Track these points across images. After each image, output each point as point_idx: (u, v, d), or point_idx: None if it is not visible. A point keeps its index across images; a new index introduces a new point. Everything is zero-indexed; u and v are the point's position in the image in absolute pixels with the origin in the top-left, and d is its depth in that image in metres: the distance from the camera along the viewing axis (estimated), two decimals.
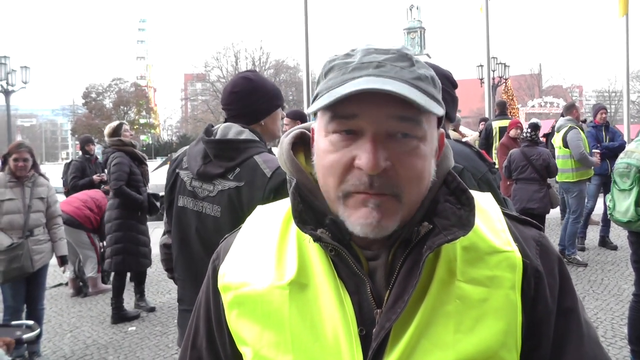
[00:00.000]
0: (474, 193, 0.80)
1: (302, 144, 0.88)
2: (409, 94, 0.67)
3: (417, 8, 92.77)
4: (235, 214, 1.81)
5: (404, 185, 0.71)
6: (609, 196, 3.65)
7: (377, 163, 0.68)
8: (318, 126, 0.78)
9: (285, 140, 0.88)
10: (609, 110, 60.36)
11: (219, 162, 1.86)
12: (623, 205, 3.40)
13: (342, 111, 0.71)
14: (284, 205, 0.90)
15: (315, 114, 0.77)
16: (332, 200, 0.76)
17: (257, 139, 1.95)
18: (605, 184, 7.12)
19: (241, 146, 1.87)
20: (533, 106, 40.21)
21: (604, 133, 7.21)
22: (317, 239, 0.76)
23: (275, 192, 1.77)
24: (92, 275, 6.06)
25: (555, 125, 7.09)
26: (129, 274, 5.60)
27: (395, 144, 0.71)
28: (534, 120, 6.88)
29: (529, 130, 6.10)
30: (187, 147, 2.08)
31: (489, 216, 0.82)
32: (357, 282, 0.76)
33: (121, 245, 5.09)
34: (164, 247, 2.16)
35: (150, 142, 48.58)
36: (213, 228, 1.85)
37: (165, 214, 2.12)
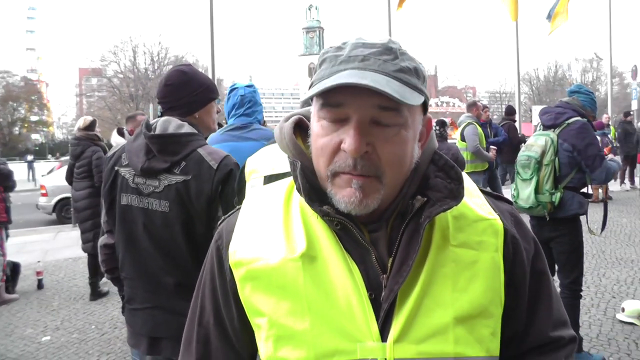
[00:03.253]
0: None
1: (299, 129, 0.95)
2: (386, 86, 0.75)
3: (316, 8, 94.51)
4: (184, 207, 1.82)
5: (384, 167, 0.80)
6: (513, 185, 4.03)
7: (358, 147, 0.77)
8: (313, 112, 0.87)
9: (287, 125, 0.95)
10: (500, 110, 65.43)
11: (164, 157, 1.85)
12: (525, 193, 3.77)
13: (331, 100, 0.80)
14: (281, 186, 0.97)
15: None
16: (322, 179, 0.85)
17: (197, 131, 1.97)
18: (489, 178, 7.77)
19: (183, 140, 1.89)
20: (430, 105, 42.49)
21: (489, 129, 7.93)
22: (325, 214, 0.83)
23: (223, 183, 1.82)
24: None
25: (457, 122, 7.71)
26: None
27: (378, 130, 0.79)
28: (440, 118, 7.38)
29: (437, 127, 6.53)
30: (123, 143, 2.04)
31: (469, 191, 0.93)
32: (362, 252, 0.84)
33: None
34: (105, 247, 2.08)
35: (44, 141, 44.92)
36: (162, 223, 1.84)
37: (104, 214, 2.05)
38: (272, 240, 0.88)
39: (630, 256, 6.50)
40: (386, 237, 0.85)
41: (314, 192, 0.86)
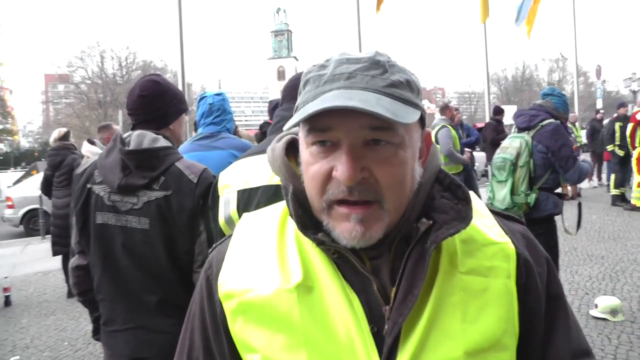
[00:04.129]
0: None
1: (292, 149, 0.89)
2: (376, 105, 0.69)
3: (284, 11, 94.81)
4: (166, 223, 1.78)
5: (384, 192, 0.73)
6: (489, 187, 4.08)
7: (353, 174, 0.71)
8: (301, 138, 0.80)
9: (278, 146, 0.88)
10: (469, 110, 66.41)
11: (142, 173, 1.80)
12: (501, 194, 3.83)
13: (318, 124, 0.74)
14: (275, 211, 0.91)
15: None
16: (317, 210, 0.79)
17: (172, 144, 1.92)
18: (465, 179, 7.87)
19: (161, 154, 1.84)
20: None
21: (461, 131, 8.00)
22: (320, 242, 0.77)
23: (204, 197, 1.78)
24: None
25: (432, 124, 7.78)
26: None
27: (372, 152, 0.73)
28: None
29: None
30: (94, 159, 1.97)
31: (478, 212, 0.86)
32: (362, 281, 0.77)
33: None
34: (76, 269, 1.96)
35: (9, 150, 43.55)
36: (142, 241, 1.78)
37: (76, 234, 1.95)
38: (265, 269, 0.81)
39: (601, 252, 6.66)
40: (389, 265, 0.79)
41: (308, 219, 0.80)
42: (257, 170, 1.50)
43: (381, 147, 0.73)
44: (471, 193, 0.83)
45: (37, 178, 12.36)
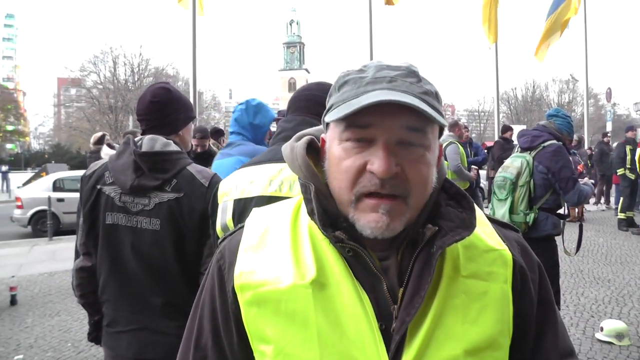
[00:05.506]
0: None
1: (310, 150, 0.94)
2: (420, 106, 0.76)
3: (297, 23, 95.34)
4: (176, 225, 1.82)
5: (411, 188, 0.80)
6: (490, 205, 4.10)
7: (389, 168, 0.77)
8: (331, 135, 0.86)
9: (299, 145, 0.93)
10: (479, 129, 66.18)
11: (155, 175, 1.85)
12: (500, 212, 3.86)
13: (358, 121, 0.79)
14: (286, 207, 0.95)
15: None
16: (344, 204, 0.83)
17: (181, 150, 1.99)
18: (471, 195, 7.88)
19: (173, 157, 1.90)
20: None
21: (469, 149, 8.03)
22: (338, 240, 0.82)
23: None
24: None
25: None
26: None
27: (405, 151, 0.79)
28: None
29: None
30: (102, 161, 2.02)
31: (479, 220, 0.91)
32: (372, 280, 0.82)
33: None
34: (80, 270, 1.97)
35: (20, 151, 43.92)
36: (152, 242, 1.82)
37: (83, 236, 1.97)
38: (281, 264, 0.85)
39: (607, 275, 6.62)
40: (396, 266, 0.84)
41: (327, 217, 0.84)
42: (254, 180, 1.53)
43: (413, 147, 0.80)
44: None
45: (47, 180, 12.47)
